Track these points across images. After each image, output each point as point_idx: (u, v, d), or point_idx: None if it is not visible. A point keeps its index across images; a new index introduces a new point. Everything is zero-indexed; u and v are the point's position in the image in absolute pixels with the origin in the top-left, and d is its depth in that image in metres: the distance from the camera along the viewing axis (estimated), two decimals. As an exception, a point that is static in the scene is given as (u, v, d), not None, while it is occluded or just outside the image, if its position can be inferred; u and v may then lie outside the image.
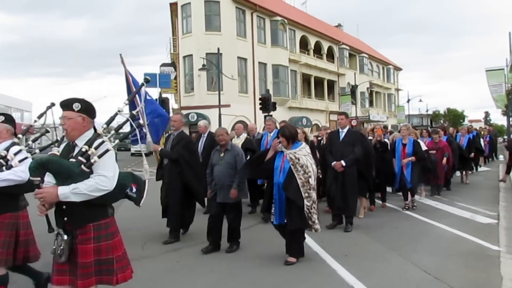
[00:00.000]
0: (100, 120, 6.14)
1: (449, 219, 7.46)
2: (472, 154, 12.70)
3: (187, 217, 6.39)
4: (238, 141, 8.16)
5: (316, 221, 4.91)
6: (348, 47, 41.40)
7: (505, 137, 37.62)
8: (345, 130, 6.90)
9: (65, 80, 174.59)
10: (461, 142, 12.47)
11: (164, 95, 22.85)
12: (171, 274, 4.74)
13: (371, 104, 45.75)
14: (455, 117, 76.11)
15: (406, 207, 8.39)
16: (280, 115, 28.41)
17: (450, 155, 10.30)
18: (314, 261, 5.21)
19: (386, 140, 9.19)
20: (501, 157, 21.69)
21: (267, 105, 20.38)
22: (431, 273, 4.64)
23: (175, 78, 29.30)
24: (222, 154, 5.65)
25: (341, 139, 6.86)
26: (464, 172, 12.48)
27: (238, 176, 5.47)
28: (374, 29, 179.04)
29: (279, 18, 31.02)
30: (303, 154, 4.90)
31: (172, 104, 30.11)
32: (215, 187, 5.61)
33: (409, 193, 8.48)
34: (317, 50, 37.49)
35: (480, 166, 15.82)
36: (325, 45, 38.24)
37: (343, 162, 6.58)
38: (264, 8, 29.97)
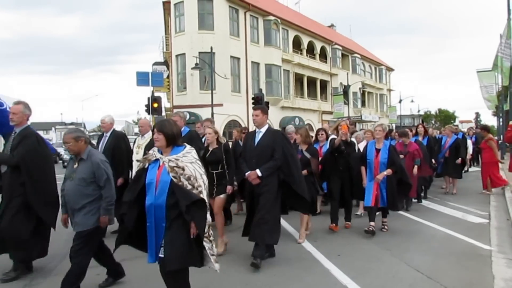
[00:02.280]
0: (91, 119, 6.07)
1: (441, 219, 7.51)
2: (459, 160, 10.62)
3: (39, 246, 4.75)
4: (143, 142, 6.64)
5: (215, 252, 3.48)
6: (340, 47, 41.54)
7: (496, 137, 37.92)
8: (263, 130, 5.23)
9: (57, 77, 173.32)
10: (446, 144, 10.73)
11: (156, 94, 22.69)
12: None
13: (363, 104, 45.97)
14: (446, 117, 76.92)
15: (370, 229, 6.31)
16: (273, 114, 28.52)
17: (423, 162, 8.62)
18: (307, 261, 5.21)
19: (353, 139, 7.64)
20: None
21: (259, 104, 20.36)
22: (424, 273, 4.66)
23: (168, 77, 29.16)
24: (76, 165, 4.04)
25: (256, 142, 5.21)
26: (450, 180, 10.89)
27: (107, 197, 4.00)
28: (367, 29, 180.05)
29: (272, 17, 31.02)
30: (189, 161, 3.36)
31: (165, 103, 29.99)
32: (65, 209, 4.10)
33: (379, 213, 6.80)
34: (310, 50, 37.56)
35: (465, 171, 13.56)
36: (318, 45, 38.32)
37: (258, 172, 5.01)
38: (257, 7, 29.94)
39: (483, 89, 25.34)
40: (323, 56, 39.51)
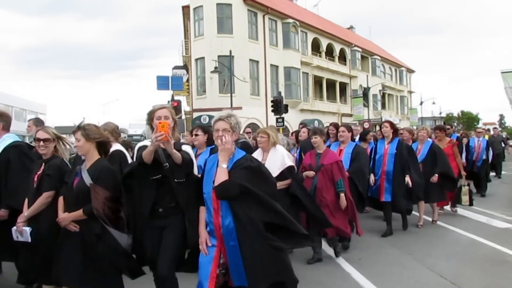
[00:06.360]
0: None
1: (465, 223, 7.35)
2: (435, 177, 7.00)
3: None
4: None
5: None
6: (360, 49, 41.20)
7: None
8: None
9: (79, 82, 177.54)
10: (418, 154, 7.14)
11: (176, 98, 22.97)
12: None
13: (383, 106, 45.43)
14: (469, 119, 75.12)
15: None
16: (292, 117, 28.48)
17: (346, 185, 5.18)
18: (328, 264, 5.17)
19: (187, 147, 3.81)
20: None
21: (279, 107, 20.42)
22: (447, 278, 4.57)
23: (187, 80, 29.46)
24: None
25: None
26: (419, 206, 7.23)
27: None
28: (387, 31, 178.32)
29: (291, 20, 31.02)
30: None
31: (184, 107, 30.32)
32: None
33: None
34: (329, 52, 37.37)
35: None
36: (337, 47, 38.09)
37: None
38: (276, 10, 29.98)
39: (508, 90, 24.71)
40: (342, 58, 39.26)
